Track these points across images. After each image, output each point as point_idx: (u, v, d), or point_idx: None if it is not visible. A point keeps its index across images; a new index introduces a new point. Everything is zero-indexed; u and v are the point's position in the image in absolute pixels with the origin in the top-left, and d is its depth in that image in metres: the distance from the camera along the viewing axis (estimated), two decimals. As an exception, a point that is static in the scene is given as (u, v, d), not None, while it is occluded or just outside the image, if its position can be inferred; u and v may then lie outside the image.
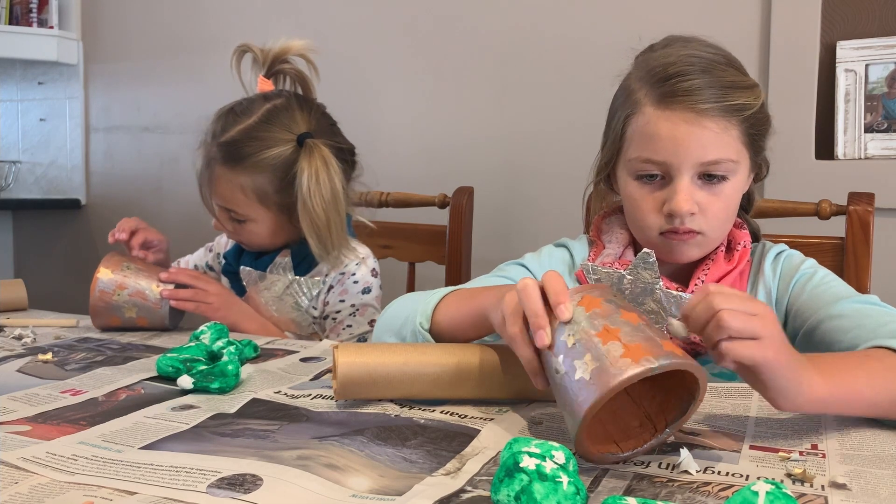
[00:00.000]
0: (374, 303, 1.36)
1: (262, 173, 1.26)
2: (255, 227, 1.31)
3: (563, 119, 1.96)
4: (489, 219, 1.95)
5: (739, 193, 0.99)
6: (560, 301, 0.67)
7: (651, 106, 0.94)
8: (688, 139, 0.92)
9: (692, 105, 0.91)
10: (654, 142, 0.94)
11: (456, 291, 0.92)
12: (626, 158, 0.98)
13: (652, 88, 0.95)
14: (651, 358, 0.60)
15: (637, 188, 0.97)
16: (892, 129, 1.65)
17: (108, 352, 1.03)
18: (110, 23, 2.71)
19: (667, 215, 0.95)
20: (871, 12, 1.67)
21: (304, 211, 1.25)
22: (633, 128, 0.96)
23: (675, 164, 0.93)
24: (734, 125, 0.93)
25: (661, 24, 1.87)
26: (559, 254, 1.10)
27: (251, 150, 1.26)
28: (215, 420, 0.73)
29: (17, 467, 0.60)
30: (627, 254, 1.05)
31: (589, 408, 0.59)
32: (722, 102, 0.92)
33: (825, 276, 1.00)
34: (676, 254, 0.98)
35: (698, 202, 0.94)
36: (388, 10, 2.19)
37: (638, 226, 1.00)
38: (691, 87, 0.92)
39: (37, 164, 2.89)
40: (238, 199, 1.28)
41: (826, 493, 0.57)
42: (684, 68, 0.93)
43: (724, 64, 0.95)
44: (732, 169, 0.94)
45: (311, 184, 1.24)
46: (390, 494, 0.56)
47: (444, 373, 0.78)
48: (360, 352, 0.77)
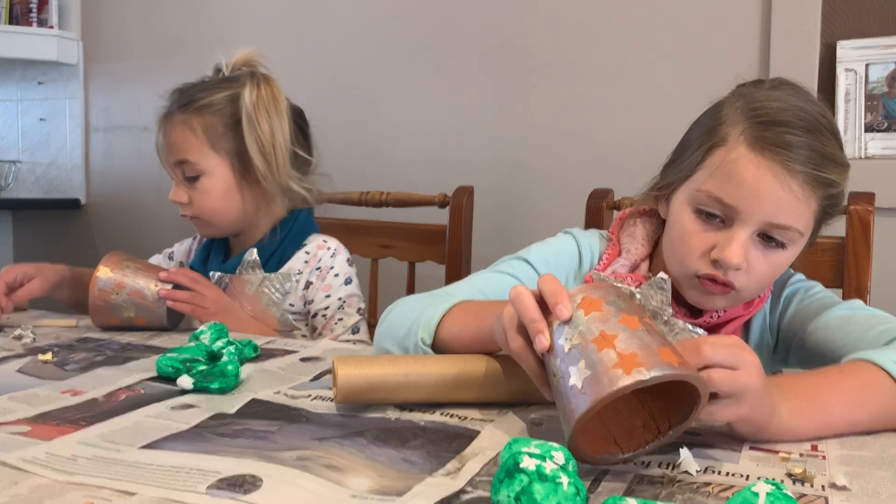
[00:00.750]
0: (356, 291, 1.37)
1: (212, 114, 1.30)
2: (207, 184, 1.31)
3: (563, 119, 1.96)
4: (489, 219, 1.95)
5: (788, 264, 0.94)
6: (557, 301, 0.65)
7: (744, 145, 0.87)
8: (768, 194, 0.86)
9: (788, 162, 0.85)
10: (733, 183, 0.87)
11: (460, 306, 0.88)
12: (695, 188, 0.91)
13: (751, 128, 0.88)
14: (643, 369, 0.58)
15: (692, 221, 0.91)
16: (892, 129, 1.65)
17: (108, 352, 1.03)
18: (110, 23, 2.70)
19: (713, 260, 0.89)
20: (871, 12, 1.67)
21: (249, 125, 1.29)
22: (715, 160, 0.89)
23: (744, 214, 0.87)
24: (816, 199, 0.87)
25: (662, 24, 1.88)
26: (567, 245, 1.07)
27: (202, 94, 1.32)
28: (215, 420, 0.73)
29: (17, 468, 0.60)
30: (643, 267, 1.01)
31: (580, 416, 0.59)
32: (816, 171, 0.86)
33: (810, 289, 0.99)
34: (704, 301, 0.94)
35: (748, 259, 0.88)
36: (388, 10, 2.18)
37: (678, 260, 0.94)
38: (793, 142, 0.85)
39: (37, 164, 2.89)
40: (189, 142, 1.30)
41: (826, 493, 0.57)
42: (792, 120, 0.87)
43: (829, 132, 0.89)
44: (795, 240, 0.89)
45: (256, 100, 1.29)
46: (390, 495, 0.56)
47: (445, 385, 0.77)
48: (360, 364, 0.77)
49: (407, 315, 0.92)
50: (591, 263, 1.06)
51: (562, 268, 1.04)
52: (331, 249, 1.37)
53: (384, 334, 0.95)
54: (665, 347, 0.61)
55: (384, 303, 1.03)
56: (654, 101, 1.86)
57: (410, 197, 1.66)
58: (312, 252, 1.37)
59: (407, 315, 0.92)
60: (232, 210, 1.34)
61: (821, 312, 0.92)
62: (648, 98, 1.87)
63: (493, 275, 1.02)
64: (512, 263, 1.04)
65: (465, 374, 0.78)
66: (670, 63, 1.85)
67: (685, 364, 0.61)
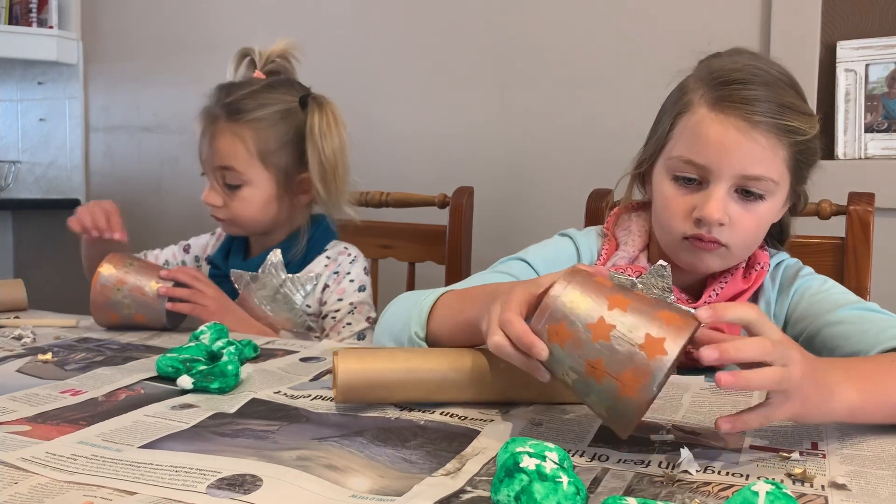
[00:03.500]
0: (368, 300, 1.37)
1: (265, 128, 1.29)
2: (249, 193, 1.30)
3: (563, 119, 1.96)
4: (489, 219, 1.95)
5: (772, 217, 0.96)
6: (529, 343, 0.64)
7: (705, 107, 0.92)
8: (735, 147, 0.89)
9: (747, 114, 0.89)
10: (700, 143, 0.91)
11: (447, 296, 0.89)
12: (668, 156, 0.96)
13: (710, 90, 0.92)
14: (645, 384, 0.60)
15: (671, 188, 0.95)
16: (892, 129, 1.65)
17: (108, 352, 1.03)
18: (110, 23, 2.71)
19: (695, 220, 0.92)
20: (871, 12, 1.67)
21: (314, 151, 1.29)
22: (682, 126, 0.94)
23: (716, 171, 0.90)
24: (784, 146, 0.91)
25: (662, 24, 1.88)
26: (565, 246, 1.08)
27: (255, 105, 1.29)
28: (215, 420, 0.73)
29: (17, 467, 0.60)
30: (641, 259, 1.03)
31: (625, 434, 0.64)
32: (777, 119, 0.89)
33: (823, 283, 0.99)
34: (697, 261, 0.96)
35: (730, 215, 0.91)
36: (388, 9, 2.19)
37: (663, 227, 0.97)
38: (750, 96, 0.89)
39: (36, 164, 2.89)
40: (239, 153, 1.28)
41: (826, 493, 0.57)
42: (747, 77, 0.91)
43: (787, 85, 0.93)
44: (772, 189, 0.92)
45: (322, 125, 1.29)
46: (390, 495, 0.56)
47: (445, 378, 0.77)
48: (359, 358, 0.77)
49: (401, 309, 0.94)
50: (591, 261, 1.06)
51: (560, 268, 1.05)
52: (351, 256, 1.38)
53: (382, 330, 0.96)
54: (644, 338, 0.61)
55: (384, 303, 1.03)
56: (655, 101, 1.85)
57: (410, 197, 1.66)
58: (333, 257, 1.38)
59: (401, 309, 0.94)
60: (267, 219, 1.34)
61: (837, 308, 0.92)
62: (648, 98, 1.86)
63: (492, 275, 1.03)
64: (510, 264, 1.05)
65: (464, 367, 0.78)
66: (670, 63, 1.85)
67: (675, 329, 0.61)
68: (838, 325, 0.90)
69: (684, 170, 0.93)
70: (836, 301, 0.94)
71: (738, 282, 0.99)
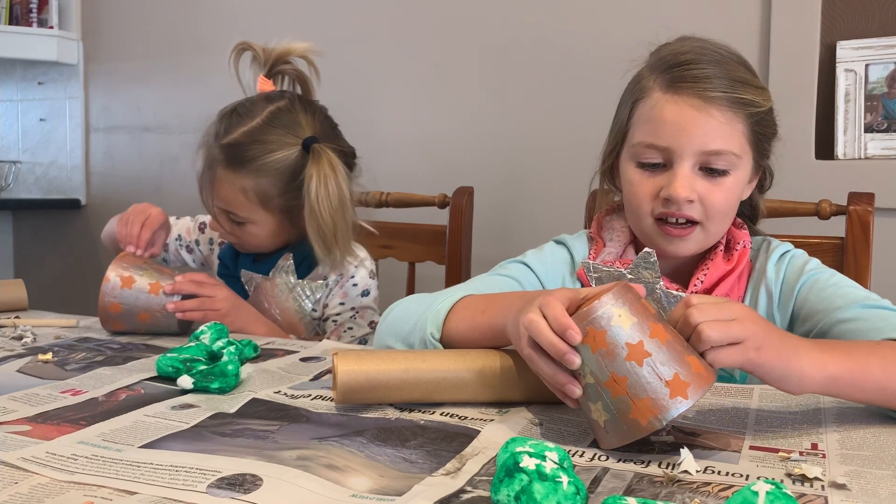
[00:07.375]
0: (372, 305, 1.36)
1: (265, 176, 1.25)
2: (254, 229, 1.30)
3: (563, 119, 1.96)
4: (489, 219, 1.95)
5: (740, 190, 0.98)
6: (566, 324, 0.66)
7: (659, 90, 0.95)
8: (692, 125, 0.92)
9: (700, 91, 0.92)
10: (658, 126, 0.94)
11: (467, 299, 0.89)
12: (630, 144, 0.98)
13: (662, 74, 0.95)
14: (658, 417, 0.63)
15: (638, 174, 0.97)
16: (892, 129, 1.65)
17: (108, 352, 1.03)
18: (110, 23, 2.71)
19: (664, 200, 0.94)
20: (871, 12, 1.67)
21: (312, 217, 1.24)
22: (640, 112, 0.97)
23: (677, 150, 0.93)
24: (740, 120, 0.93)
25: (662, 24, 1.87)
26: (560, 252, 1.09)
27: (255, 153, 1.25)
28: (215, 420, 0.73)
29: (17, 467, 0.60)
30: (628, 252, 1.04)
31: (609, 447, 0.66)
32: (730, 94, 0.92)
33: (831, 277, 0.98)
34: (672, 246, 0.97)
35: (697, 191, 0.94)
36: (388, 10, 2.19)
37: (634, 212, 0.99)
38: (701, 75, 0.92)
39: (37, 164, 2.89)
40: (239, 201, 1.27)
41: (826, 493, 0.57)
42: (696, 57, 0.94)
43: (736, 62, 0.96)
44: (734, 163, 0.94)
45: (320, 190, 1.23)
46: (390, 494, 0.56)
47: (445, 378, 0.77)
48: (359, 359, 0.77)
49: (412, 311, 0.93)
50: None
51: (557, 271, 1.07)
52: (357, 259, 1.36)
53: (386, 331, 0.95)
54: (671, 377, 0.63)
55: (384, 303, 1.03)
56: (654, 101, 1.86)
57: (410, 197, 1.66)
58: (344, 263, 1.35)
59: (412, 311, 0.93)
60: (278, 243, 1.34)
61: (850, 304, 0.91)
62: (648, 98, 1.87)
63: (493, 277, 1.03)
64: (511, 266, 1.05)
65: (466, 368, 0.78)
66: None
67: (699, 378, 0.64)
68: (853, 321, 0.89)
69: (647, 154, 0.95)
70: (847, 296, 0.93)
71: (720, 264, 1.00)
